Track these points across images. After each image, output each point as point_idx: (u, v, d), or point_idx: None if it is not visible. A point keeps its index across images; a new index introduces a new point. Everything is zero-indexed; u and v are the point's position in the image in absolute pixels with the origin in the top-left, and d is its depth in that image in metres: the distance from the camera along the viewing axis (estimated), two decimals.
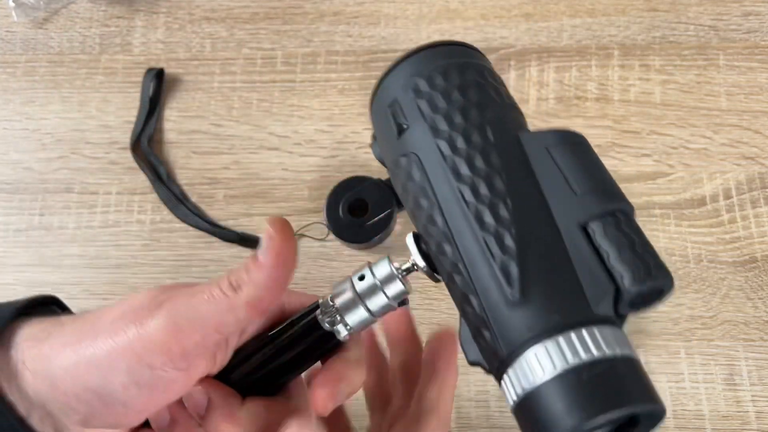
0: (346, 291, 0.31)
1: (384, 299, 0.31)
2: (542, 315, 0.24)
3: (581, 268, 0.25)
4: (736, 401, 0.51)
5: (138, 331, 0.27)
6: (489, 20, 0.64)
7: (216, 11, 0.66)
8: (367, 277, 0.31)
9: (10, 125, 0.62)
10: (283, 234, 0.28)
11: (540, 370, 0.23)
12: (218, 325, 0.28)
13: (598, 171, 0.28)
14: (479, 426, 0.51)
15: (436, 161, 0.28)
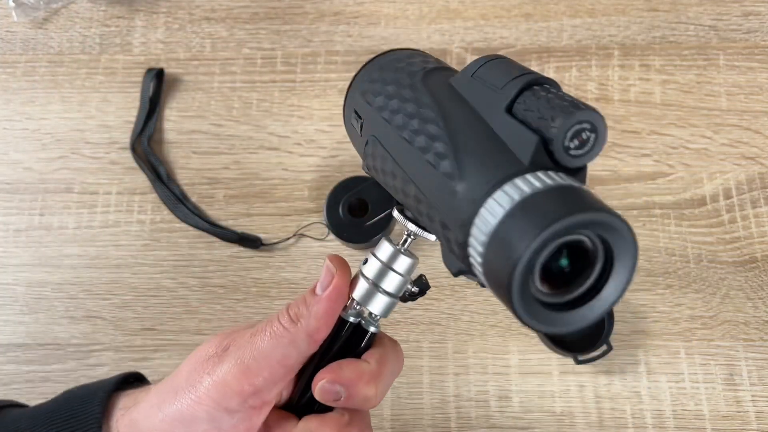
0: (360, 282, 0.32)
1: (397, 278, 0.32)
2: (478, 186, 0.26)
3: (511, 140, 0.27)
4: (736, 401, 0.51)
5: (212, 379, 0.30)
6: (489, 20, 0.64)
7: (216, 11, 0.66)
8: (371, 261, 0.32)
9: (10, 125, 0.62)
10: (341, 270, 0.31)
11: (487, 223, 0.24)
12: (282, 359, 0.30)
13: (512, 67, 0.29)
14: (479, 426, 0.51)
15: (386, 129, 0.31)
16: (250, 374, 0.30)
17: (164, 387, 0.32)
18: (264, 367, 0.30)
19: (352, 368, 0.31)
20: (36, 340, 0.55)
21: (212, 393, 0.30)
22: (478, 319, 0.54)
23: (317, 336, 0.31)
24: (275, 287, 0.56)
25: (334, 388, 0.31)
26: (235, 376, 0.30)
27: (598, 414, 0.51)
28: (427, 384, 0.52)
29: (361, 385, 0.31)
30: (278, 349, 0.30)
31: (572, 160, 0.27)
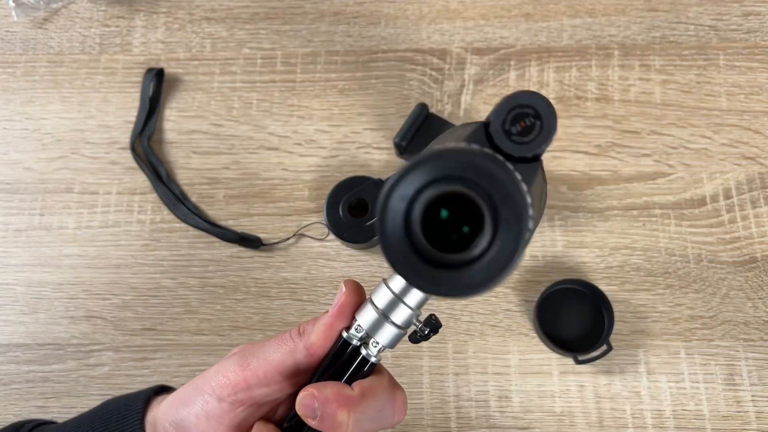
0: (368, 309, 0.31)
1: (407, 311, 0.31)
2: None
3: (465, 133, 0.26)
4: (736, 401, 0.51)
5: (216, 369, 0.33)
6: (489, 20, 0.64)
7: (216, 11, 0.66)
8: (383, 289, 0.31)
9: (10, 125, 0.62)
10: (351, 292, 0.32)
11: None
12: (279, 364, 0.32)
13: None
14: (479, 426, 0.51)
15: None
16: (247, 370, 0.32)
17: (187, 383, 0.35)
18: (261, 367, 0.32)
19: (333, 389, 0.31)
20: (36, 340, 0.55)
21: (212, 381, 0.32)
22: (478, 319, 0.54)
23: (313, 350, 0.32)
24: (275, 287, 0.56)
25: (312, 403, 0.30)
26: (234, 369, 0.32)
27: (598, 414, 0.51)
28: (427, 384, 0.52)
29: (334, 407, 0.30)
30: (278, 354, 0.32)
31: (516, 148, 0.25)
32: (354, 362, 0.32)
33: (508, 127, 0.25)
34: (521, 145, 0.25)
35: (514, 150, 0.25)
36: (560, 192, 0.58)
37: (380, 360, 0.32)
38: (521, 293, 0.55)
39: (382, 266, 0.56)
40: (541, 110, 0.25)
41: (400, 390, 0.34)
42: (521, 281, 0.55)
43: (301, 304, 0.55)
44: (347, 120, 0.61)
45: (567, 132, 0.60)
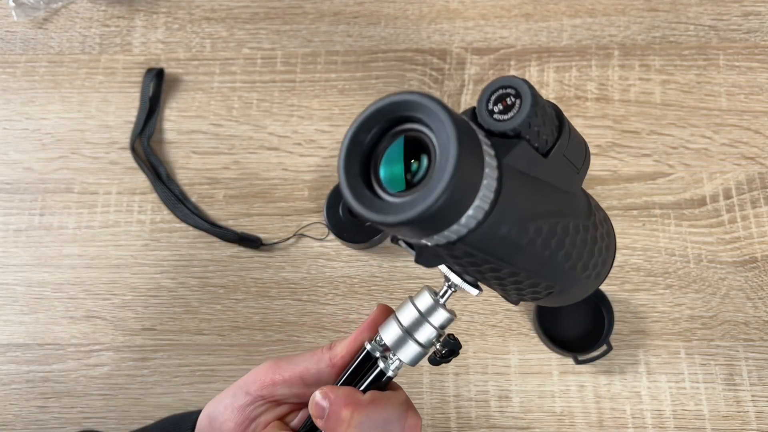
0: (392, 326, 0.32)
1: (430, 330, 0.31)
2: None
3: None
4: (736, 401, 0.51)
5: (253, 371, 0.35)
6: (489, 20, 0.64)
7: (216, 11, 0.66)
8: (408, 309, 0.31)
9: (10, 125, 0.62)
10: (381, 312, 0.34)
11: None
12: (303, 371, 0.34)
13: None
14: (479, 426, 0.51)
15: None
16: (276, 370, 0.35)
17: None
18: (288, 370, 0.34)
19: (345, 391, 0.32)
20: (36, 340, 0.55)
21: (246, 378, 0.35)
22: (478, 319, 0.54)
23: (336, 360, 0.34)
24: (275, 287, 0.56)
25: (322, 403, 0.31)
26: (266, 369, 0.35)
27: (598, 414, 0.51)
28: (427, 384, 0.52)
29: (341, 406, 0.31)
30: (304, 362, 0.34)
31: (496, 124, 0.27)
32: (371, 374, 0.33)
33: (491, 106, 0.27)
34: (501, 122, 0.27)
35: (495, 126, 0.27)
36: None
37: (396, 375, 0.33)
38: None
39: (381, 266, 0.56)
40: (520, 90, 0.27)
41: (414, 413, 0.34)
42: None
43: (301, 304, 0.55)
44: (347, 120, 0.61)
45: None
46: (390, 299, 0.55)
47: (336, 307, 0.55)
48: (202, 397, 0.52)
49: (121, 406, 0.52)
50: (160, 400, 0.52)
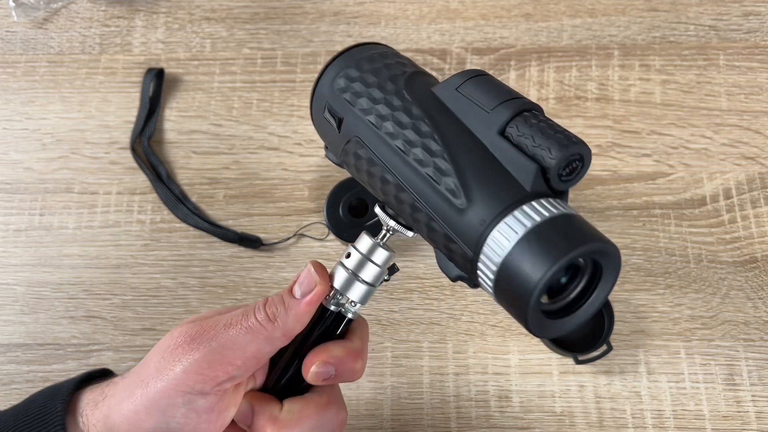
0: (340, 272, 0.35)
1: (375, 268, 0.34)
2: (488, 208, 0.29)
3: (508, 163, 0.30)
4: (736, 401, 0.51)
5: (185, 366, 0.31)
6: (489, 20, 0.64)
7: (216, 11, 0.66)
8: (353, 254, 0.35)
9: (10, 125, 0.62)
10: (324, 280, 0.34)
11: (502, 246, 0.28)
12: (256, 352, 0.33)
13: (500, 89, 0.32)
14: (479, 426, 0.51)
15: (372, 133, 0.34)
16: (225, 363, 0.32)
17: (133, 379, 0.33)
18: (238, 357, 0.32)
19: (341, 349, 0.34)
20: (36, 340, 0.55)
21: (187, 380, 0.31)
22: (478, 319, 0.54)
23: (292, 334, 0.33)
24: (275, 287, 0.56)
25: (326, 369, 0.34)
26: (209, 363, 0.32)
27: (598, 414, 0.51)
28: (427, 384, 0.52)
29: (350, 362, 0.34)
30: (253, 343, 0.32)
31: (562, 185, 0.30)
32: (336, 323, 0.35)
33: (561, 171, 0.30)
34: (566, 182, 0.30)
35: (561, 186, 0.30)
36: None
37: (356, 315, 0.36)
38: None
39: None
40: (585, 156, 0.30)
41: (339, 409, 0.36)
42: None
43: None
44: None
45: None
46: (390, 299, 0.55)
47: None
48: None
49: None
50: None
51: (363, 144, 0.34)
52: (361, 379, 0.52)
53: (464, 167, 0.30)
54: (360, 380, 0.52)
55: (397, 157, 0.32)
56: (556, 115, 0.60)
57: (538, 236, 0.27)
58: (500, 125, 0.30)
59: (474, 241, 0.29)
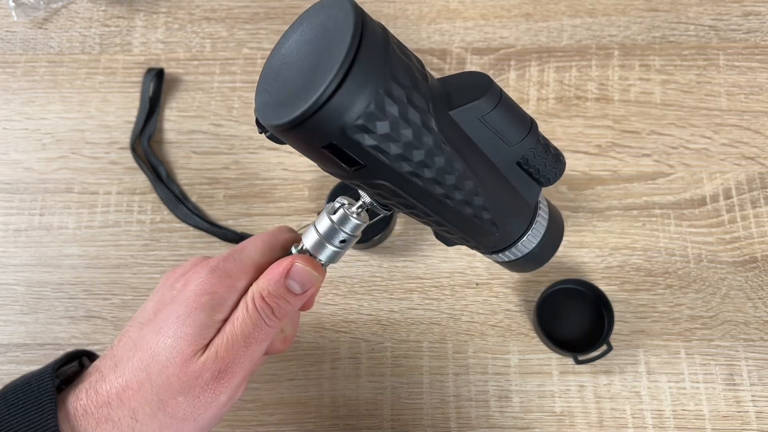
0: (311, 234, 0.36)
1: (345, 235, 0.36)
2: (515, 231, 0.37)
3: (517, 183, 0.35)
4: (736, 401, 0.51)
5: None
6: (489, 20, 0.64)
7: (216, 11, 0.66)
8: (325, 221, 0.36)
9: (10, 125, 0.62)
10: (322, 276, 0.36)
11: (525, 249, 0.38)
12: (260, 358, 0.36)
13: (519, 121, 0.34)
14: (479, 426, 0.51)
15: (406, 181, 0.30)
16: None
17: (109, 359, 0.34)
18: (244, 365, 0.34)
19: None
20: (36, 340, 0.55)
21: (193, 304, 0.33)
22: (478, 319, 0.54)
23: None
24: None
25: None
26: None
27: (598, 414, 0.51)
28: (427, 384, 0.52)
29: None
30: (261, 349, 0.35)
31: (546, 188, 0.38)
32: None
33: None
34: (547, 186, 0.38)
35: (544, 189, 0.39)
36: (560, 192, 0.58)
37: None
38: (521, 293, 0.55)
39: (382, 266, 0.56)
40: None
41: None
42: (521, 281, 0.55)
43: None
44: None
45: (567, 132, 0.60)
46: (390, 299, 0.55)
47: (336, 307, 0.55)
48: None
49: None
50: None
51: (396, 192, 0.30)
52: (361, 379, 0.52)
53: (495, 200, 0.34)
54: (360, 380, 0.52)
55: (438, 204, 0.32)
56: (556, 115, 0.60)
57: (549, 237, 0.39)
58: (519, 158, 0.34)
59: (497, 249, 0.38)
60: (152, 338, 0.33)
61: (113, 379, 0.33)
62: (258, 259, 0.36)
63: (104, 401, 0.32)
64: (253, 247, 0.36)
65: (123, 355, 0.33)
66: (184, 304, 0.33)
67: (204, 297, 0.33)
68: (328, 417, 0.52)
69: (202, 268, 0.34)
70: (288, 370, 0.53)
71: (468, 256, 0.56)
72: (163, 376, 0.32)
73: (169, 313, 0.33)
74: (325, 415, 0.52)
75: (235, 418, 0.52)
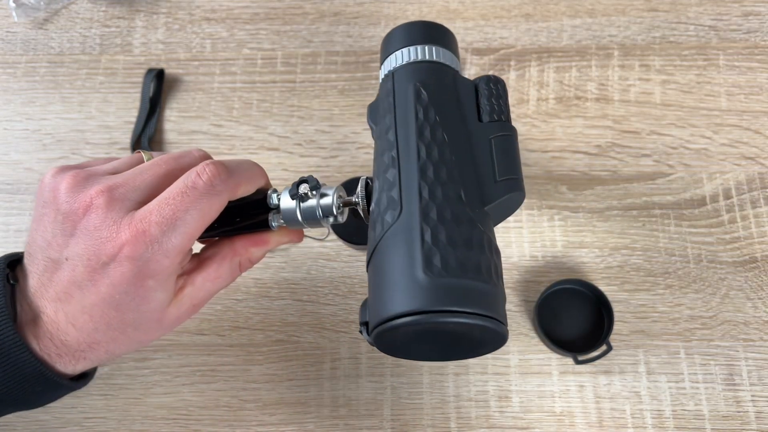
0: (290, 203, 0.38)
1: (317, 221, 0.38)
2: None
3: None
4: (736, 401, 0.51)
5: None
6: (489, 20, 0.64)
7: (216, 12, 0.66)
8: (311, 200, 0.38)
9: (11, 126, 0.62)
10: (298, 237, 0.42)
11: None
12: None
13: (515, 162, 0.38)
14: (479, 426, 0.51)
15: (408, 140, 0.37)
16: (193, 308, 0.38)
17: None
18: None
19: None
20: None
21: None
22: None
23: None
24: (275, 287, 0.56)
25: None
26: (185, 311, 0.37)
27: (597, 414, 0.51)
28: (427, 384, 0.53)
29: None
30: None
31: None
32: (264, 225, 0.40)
33: None
34: None
35: None
36: (560, 192, 0.58)
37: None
38: (521, 293, 0.55)
39: None
40: None
41: None
42: (521, 281, 0.55)
43: (301, 305, 0.55)
44: (347, 120, 0.61)
45: (567, 132, 0.60)
46: None
47: (336, 307, 0.55)
48: (203, 397, 0.52)
49: (122, 405, 0.52)
50: (161, 400, 0.52)
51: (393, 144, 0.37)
52: (361, 379, 0.52)
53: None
54: (360, 380, 0.52)
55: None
56: (556, 116, 0.60)
57: None
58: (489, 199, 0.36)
59: None
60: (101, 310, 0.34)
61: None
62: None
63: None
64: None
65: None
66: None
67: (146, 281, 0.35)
68: (328, 417, 0.52)
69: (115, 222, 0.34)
70: (288, 370, 0.53)
71: None
72: None
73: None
74: (325, 415, 0.52)
75: (235, 418, 0.52)
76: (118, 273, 0.33)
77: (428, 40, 0.41)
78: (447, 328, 0.32)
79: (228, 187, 0.35)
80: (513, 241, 0.56)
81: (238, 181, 0.36)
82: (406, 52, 0.41)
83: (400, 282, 0.32)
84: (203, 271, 0.38)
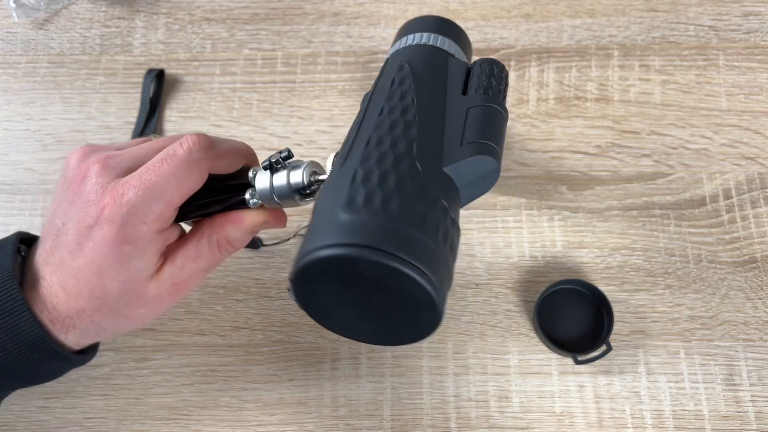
0: (265, 179, 0.38)
1: (292, 201, 0.39)
2: None
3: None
4: (735, 401, 0.51)
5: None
6: (489, 20, 0.64)
7: (216, 12, 0.66)
8: (281, 178, 0.38)
9: (11, 126, 0.62)
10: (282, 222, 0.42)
11: None
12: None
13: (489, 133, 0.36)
14: (479, 426, 0.51)
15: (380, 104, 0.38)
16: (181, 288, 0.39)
17: None
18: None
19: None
20: None
21: None
22: (478, 319, 0.54)
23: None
24: (275, 287, 0.56)
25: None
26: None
27: (597, 414, 0.51)
28: (427, 384, 0.53)
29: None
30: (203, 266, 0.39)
31: None
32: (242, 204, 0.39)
33: None
34: None
35: None
36: (560, 192, 0.58)
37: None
38: (521, 293, 0.55)
39: None
40: None
41: None
42: (521, 281, 0.55)
43: None
44: (347, 120, 0.61)
45: (567, 132, 0.60)
46: None
47: None
48: (203, 398, 0.52)
49: (122, 406, 0.52)
50: (161, 400, 0.52)
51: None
52: (361, 379, 0.52)
53: None
54: (360, 380, 0.52)
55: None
56: (556, 116, 0.60)
57: None
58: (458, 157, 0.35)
59: None
60: (95, 279, 0.35)
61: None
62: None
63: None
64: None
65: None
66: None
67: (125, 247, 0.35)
68: (328, 417, 0.52)
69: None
70: (288, 371, 0.53)
71: (468, 257, 0.56)
72: None
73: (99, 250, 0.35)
74: (326, 415, 0.52)
75: (235, 418, 0.52)
76: (99, 235, 0.34)
77: (425, 29, 0.42)
78: (362, 270, 0.28)
79: (207, 156, 0.36)
80: (513, 241, 0.56)
81: (219, 152, 0.37)
82: (403, 41, 0.42)
83: (320, 223, 0.30)
84: (183, 249, 0.38)
